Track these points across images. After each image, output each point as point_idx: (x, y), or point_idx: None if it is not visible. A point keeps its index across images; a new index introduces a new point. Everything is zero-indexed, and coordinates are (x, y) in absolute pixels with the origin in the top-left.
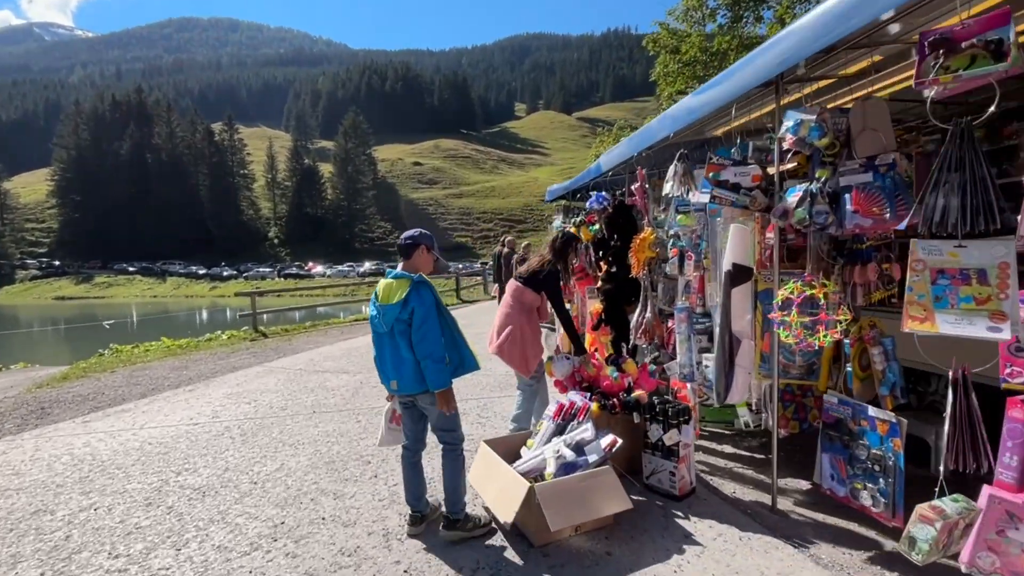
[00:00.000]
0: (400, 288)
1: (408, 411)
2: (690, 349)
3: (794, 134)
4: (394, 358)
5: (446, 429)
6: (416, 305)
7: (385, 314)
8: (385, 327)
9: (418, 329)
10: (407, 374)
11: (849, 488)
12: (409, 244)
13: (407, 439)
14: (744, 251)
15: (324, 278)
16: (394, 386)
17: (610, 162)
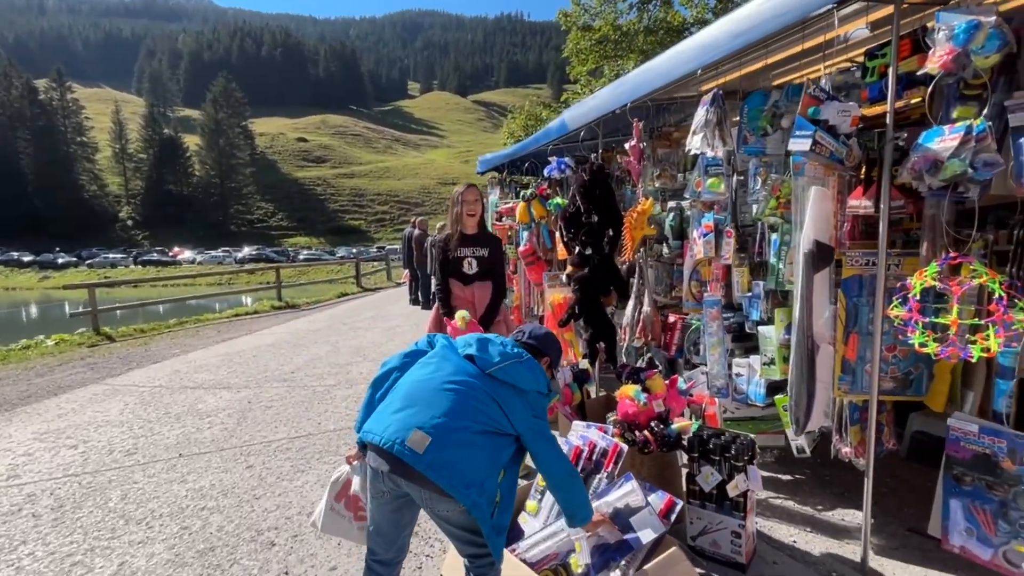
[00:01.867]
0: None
1: (392, 505)
2: (723, 353)
3: (960, 44)
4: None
5: (480, 553)
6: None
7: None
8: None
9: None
10: (466, 459)
11: (1002, 550)
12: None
13: (376, 545)
14: (827, 224)
15: (194, 265)
16: (418, 443)
17: (581, 117)
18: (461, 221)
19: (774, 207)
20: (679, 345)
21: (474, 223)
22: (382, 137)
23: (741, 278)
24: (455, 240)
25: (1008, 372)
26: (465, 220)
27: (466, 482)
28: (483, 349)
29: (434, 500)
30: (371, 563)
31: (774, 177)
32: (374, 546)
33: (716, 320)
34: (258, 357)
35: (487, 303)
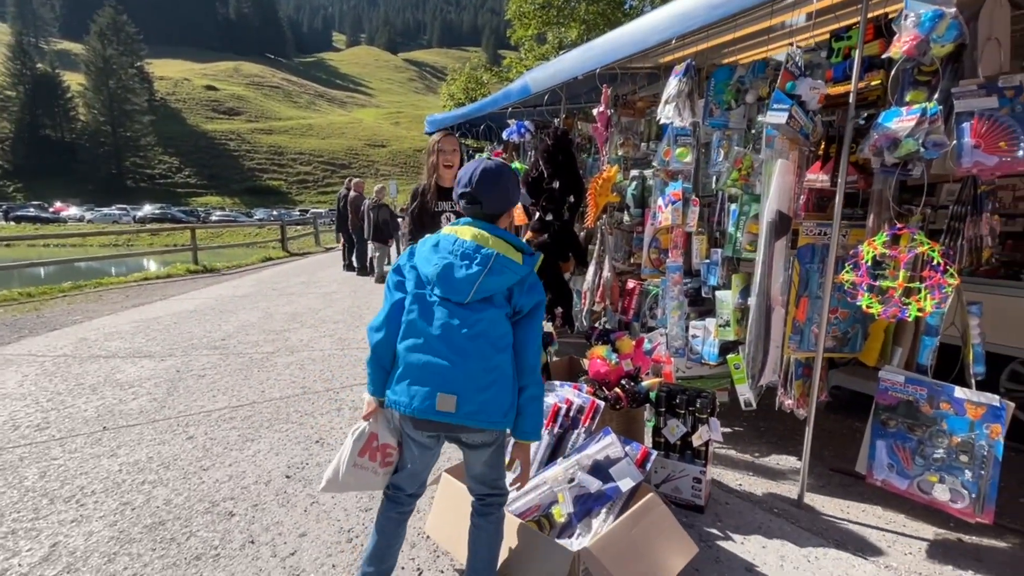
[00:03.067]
0: (511, 251)
1: (428, 452)
2: (682, 316)
3: (924, 32)
4: (470, 355)
5: (496, 478)
6: (539, 294)
7: (494, 268)
8: (473, 287)
9: (536, 336)
10: (493, 392)
11: (916, 480)
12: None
13: (403, 483)
14: (789, 195)
15: (83, 224)
16: (448, 405)
17: (546, 80)
18: (438, 171)
19: (736, 179)
20: (636, 310)
21: (451, 175)
22: (304, 91)
23: (700, 245)
24: (432, 193)
25: (933, 330)
26: (442, 171)
27: (503, 411)
28: (449, 286)
29: (472, 436)
30: (395, 495)
31: (737, 150)
32: (402, 483)
33: (678, 285)
34: (179, 324)
35: None
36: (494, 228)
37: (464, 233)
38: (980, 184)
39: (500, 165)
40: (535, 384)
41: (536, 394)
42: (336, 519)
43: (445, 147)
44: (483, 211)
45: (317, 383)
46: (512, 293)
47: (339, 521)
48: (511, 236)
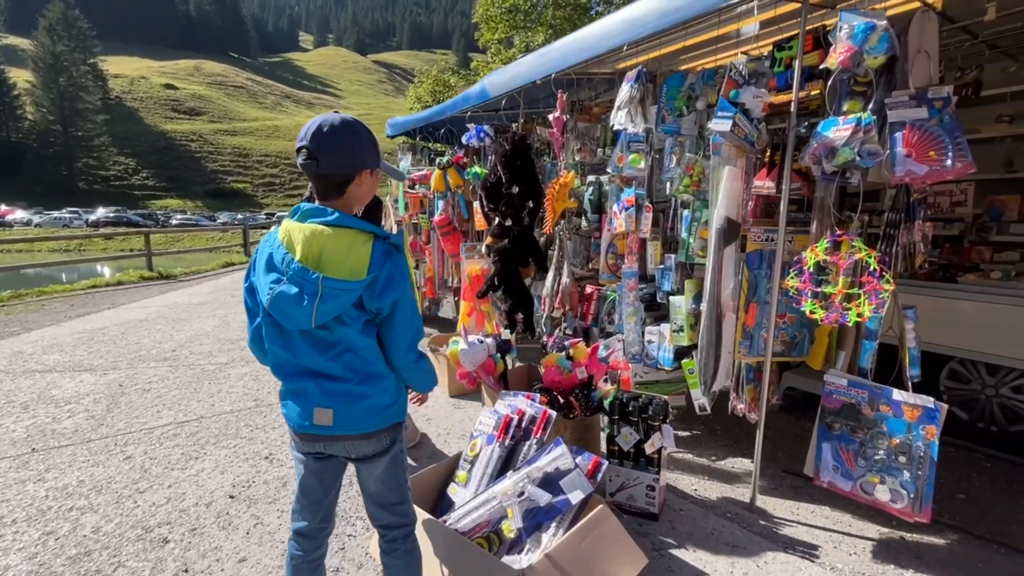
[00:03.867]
0: (355, 247)
1: (318, 466)
2: (639, 322)
3: (857, 43)
4: (337, 375)
5: (396, 501)
6: (397, 289)
7: (325, 294)
8: (312, 318)
9: (404, 332)
10: (370, 401)
11: (859, 482)
12: (339, 164)
13: (305, 515)
14: (737, 202)
15: (31, 228)
16: (324, 419)
17: (504, 85)
18: None
19: (687, 185)
20: (595, 315)
21: None
22: (270, 92)
23: (655, 251)
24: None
25: (872, 334)
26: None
27: (380, 411)
28: (285, 318)
29: (359, 445)
30: (295, 539)
31: (688, 156)
32: (304, 515)
33: (633, 291)
34: (127, 334)
35: None
36: (334, 216)
37: (295, 237)
38: (913, 192)
39: (347, 119)
40: (410, 365)
41: (415, 367)
42: (280, 541)
43: None
44: (319, 170)
45: (271, 395)
46: (363, 300)
47: (283, 543)
48: (356, 221)
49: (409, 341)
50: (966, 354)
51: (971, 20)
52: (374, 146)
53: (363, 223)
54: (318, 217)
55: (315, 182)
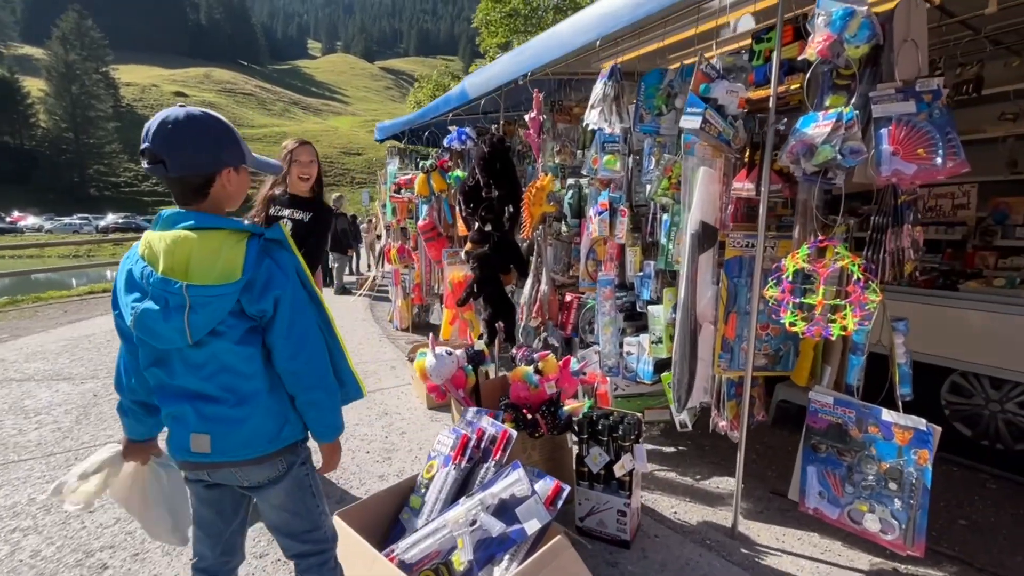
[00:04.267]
0: (226, 248)
1: (211, 495)
2: (615, 333)
3: (836, 31)
4: (213, 395)
5: (306, 529)
6: (278, 286)
7: (194, 305)
8: (186, 334)
9: (289, 334)
10: (252, 424)
11: (847, 509)
12: (191, 164)
13: (204, 548)
14: (713, 205)
15: (41, 234)
16: (202, 446)
17: (482, 85)
18: (290, 183)
19: (666, 187)
20: (575, 324)
21: (306, 188)
22: (279, 99)
23: (634, 258)
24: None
25: (859, 348)
26: (296, 182)
27: (269, 437)
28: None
29: (248, 472)
30: (199, 568)
31: (667, 157)
32: (200, 548)
33: (609, 299)
34: (112, 341)
35: None
36: (197, 218)
37: (157, 248)
38: (901, 193)
39: (194, 113)
40: (309, 389)
41: (313, 399)
42: None
43: (301, 157)
44: (169, 173)
45: None
46: (241, 305)
47: None
48: (225, 220)
49: (294, 348)
50: (969, 367)
51: (971, 14)
52: (234, 140)
53: (233, 221)
54: (181, 222)
55: (170, 187)
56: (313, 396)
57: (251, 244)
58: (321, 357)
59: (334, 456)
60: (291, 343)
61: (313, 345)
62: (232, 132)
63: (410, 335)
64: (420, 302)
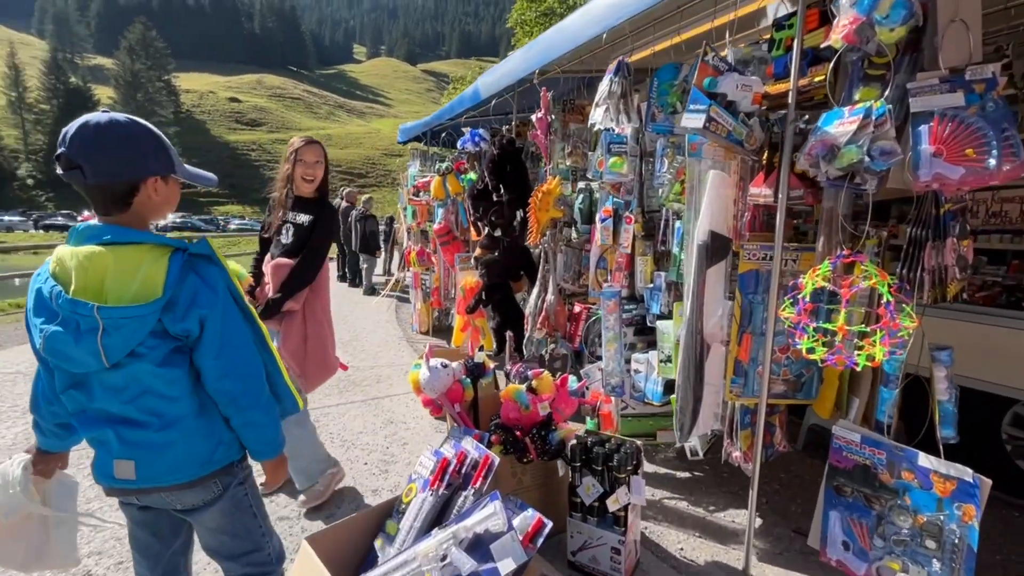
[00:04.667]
0: (146, 264)
1: (146, 517)
2: (620, 349)
3: (864, 12)
4: (136, 420)
5: (247, 551)
6: (204, 305)
7: (107, 327)
8: (100, 357)
9: (219, 354)
10: (180, 449)
11: (876, 566)
12: (111, 172)
13: (143, 571)
14: (725, 213)
15: None
16: (126, 472)
17: (494, 85)
18: (294, 183)
19: (679, 192)
20: (584, 336)
21: (310, 189)
22: (325, 102)
23: (644, 268)
24: (281, 203)
25: (892, 380)
26: (300, 184)
27: (201, 461)
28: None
29: (180, 495)
30: None
31: (680, 159)
32: (139, 570)
33: (614, 313)
34: None
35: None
36: (114, 232)
37: (68, 265)
38: (944, 201)
39: (117, 118)
40: (244, 409)
41: (249, 419)
42: None
43: (307, 157)
44: (86, 180)
45: None
46: (164, 325)
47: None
48: (145, 235)
49: (225, 368)
50: None
51: None
52: (161, 147)
53: (155, 236)
54: (97, 237)
55: (89, 196)
56: (249, 416)
57: (174, 260)
58: (256, 376)
59: (278, 472)
60: (222, 363)
61: (246, 364)
62: (159, 139)
63: (430, 339)
64: (439, 306)
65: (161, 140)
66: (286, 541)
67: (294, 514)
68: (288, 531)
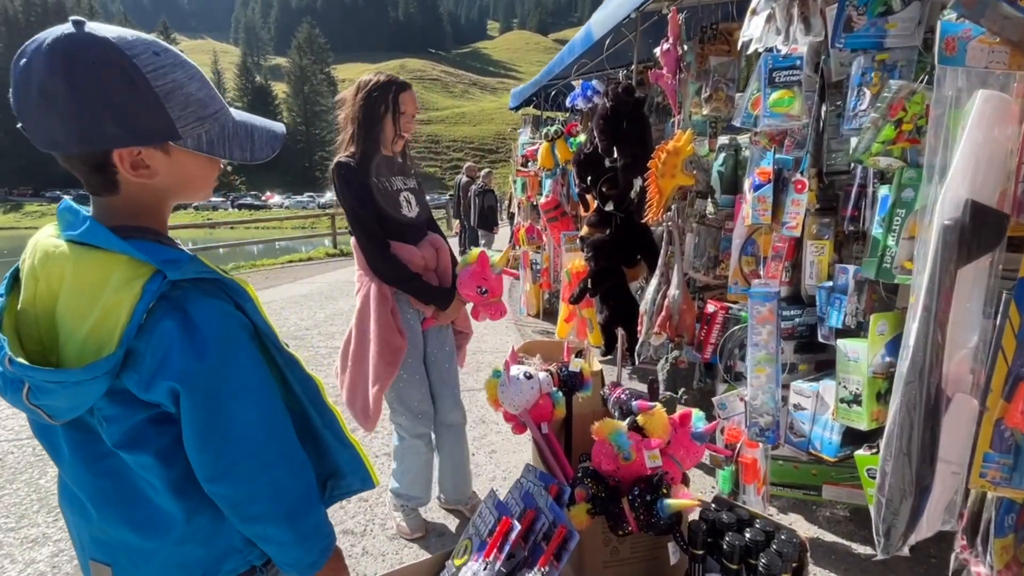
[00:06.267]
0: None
1: None
2: (775, 376)
3: None
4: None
5: None
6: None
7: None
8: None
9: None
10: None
11: None
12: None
13: None
14: (999, 168)
15: (282, 209)
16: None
17: (608, 19)
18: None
19: (890, 138)
20: (718, 345)
21: (400, 147)
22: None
23: (819, 258)
24: (375, 162)
25: None
26: (396, 142)
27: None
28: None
29: None
30: None
31: (895, 85)
32: None
33: (768, 324)
34: (284, 309)
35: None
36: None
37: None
38: None
39: (75, 39)
40: (253, 521)
41: (262, 533)
42: None
43: (409, 107)
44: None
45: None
46: (126, 386)
47: None
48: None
49: (215, 464)
50: None
51: None
52: (142, 99)
53: (132, 247)
54: (70, 228)
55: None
56: (261, 530)
57: (148, 288)
58: (270, 472)
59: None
60: (209, 458)
61: (252, 457)
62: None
63: (539, 322)
64: (548, 288)
65: (147, 86)
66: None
67: (360, 528)
68: (348, 550)
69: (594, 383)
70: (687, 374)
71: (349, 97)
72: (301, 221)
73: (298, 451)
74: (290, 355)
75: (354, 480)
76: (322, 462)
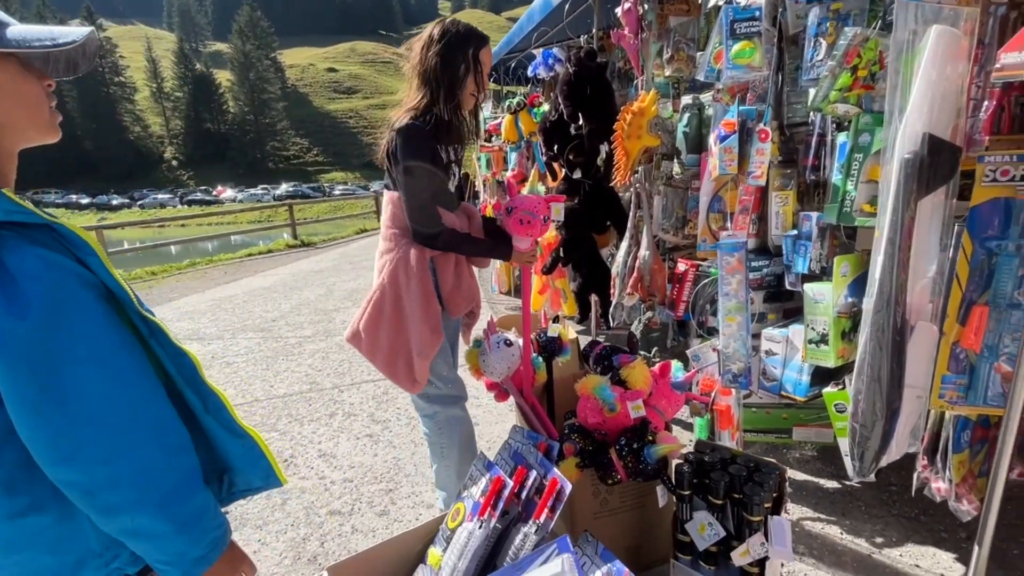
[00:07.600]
0: None
1: None
2: (745, 324)
3: None
4: None
5: None
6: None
7: None
8: None
9: (40, 422)
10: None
11: None
12: None
13: None
14: (954, 102)
15: (235, 203)
16: None
17: None
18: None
19: (847, 85)
20: (690, 302)
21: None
22: None
23: (783, 207)
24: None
25: None
26: (469, 101)
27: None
28: None
29: None
30: None
31: (850, 33)
32: None
33: (737, 273)
34: (248, 302)
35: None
36: None
37: None
38: None
39: None
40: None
41: (128, 527)
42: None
43: (487, 63)
44: None
45: (329, 378)
46: None
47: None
48: None
49: (54, 446)
50: None
51: None
52: None
53: None
54: None
55: None
56: (128, 522)
57: None
58: (136, 453)
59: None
60: (46, 436)
61: (109, 435)
62: None
63: (511, 299)
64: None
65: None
66: (325, 543)
67: (347, 508)
68: (337, 530)
69: (572, 349)
70: (660, 335)
71: (417, 49)
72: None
73: (174, 429)
74: (155, 323)
75: (253, 475)
76: (211, 455)
